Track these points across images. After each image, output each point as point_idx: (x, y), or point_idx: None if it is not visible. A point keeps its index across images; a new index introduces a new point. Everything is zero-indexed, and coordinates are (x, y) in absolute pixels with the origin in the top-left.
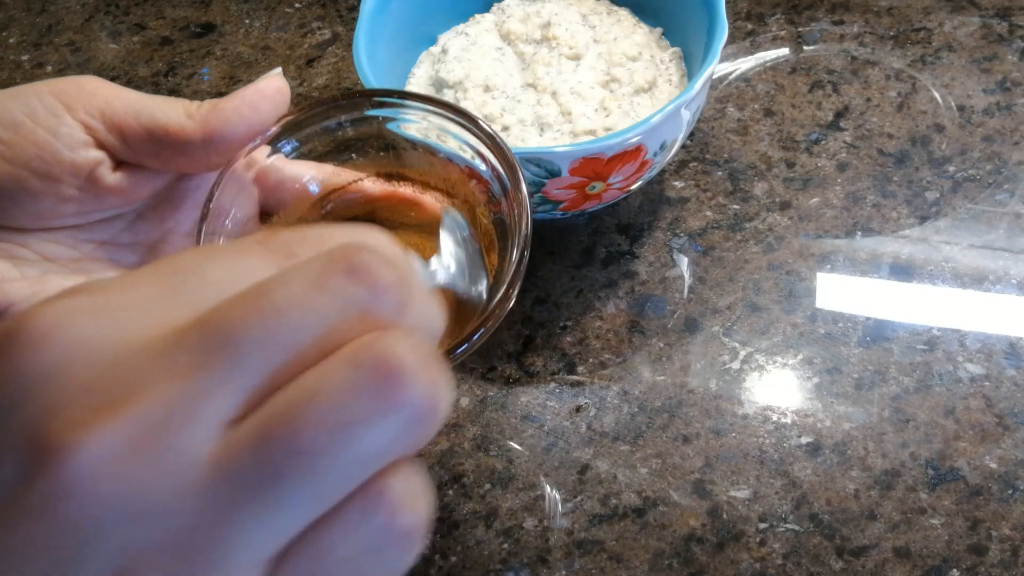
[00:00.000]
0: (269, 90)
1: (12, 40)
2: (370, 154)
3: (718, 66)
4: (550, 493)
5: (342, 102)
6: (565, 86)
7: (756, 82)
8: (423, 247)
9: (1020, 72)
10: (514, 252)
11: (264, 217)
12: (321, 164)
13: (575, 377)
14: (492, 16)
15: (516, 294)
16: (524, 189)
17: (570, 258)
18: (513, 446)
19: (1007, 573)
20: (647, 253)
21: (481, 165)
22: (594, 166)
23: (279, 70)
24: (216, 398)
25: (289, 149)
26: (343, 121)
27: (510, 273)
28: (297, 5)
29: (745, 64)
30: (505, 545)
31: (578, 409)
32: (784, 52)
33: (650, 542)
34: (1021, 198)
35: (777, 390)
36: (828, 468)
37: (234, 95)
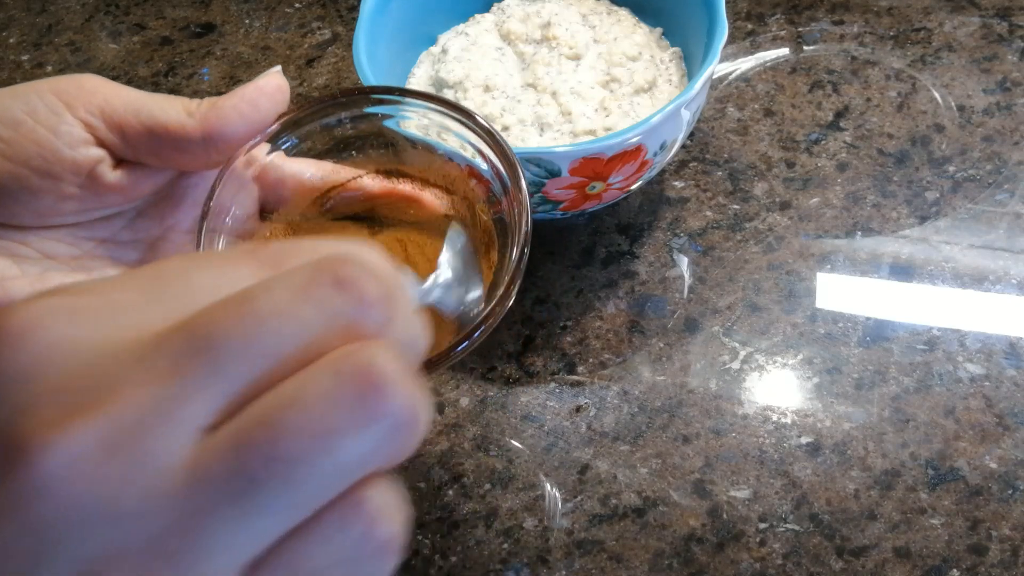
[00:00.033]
0: (269, 88)
1: (12, 40)
2: (370, 151)
3: (718, 66)
4: (550, 493)
5: (341, 99)
6: (565, 86)
7: (756, 82)
8: (423, 244)
9: (1020, 72)
10: (514, 250)
11: (264, 215)
12: (321, 161)
13: (575, 377)
14: (492, 16)
15: (516, 292)
16: (524, 187)
17: (570, 258)
18: (513, 446)
19: (1007, 573)
20: (647, 253)
21: (482, 164)
22: (594, 166)
23: (279, 68)
24: (194, 403)
25: (289, 147)
26: (343, 118)
27: (510, 271)
28: (297, 5)
29: (745, 64)
30: (505, 545)
31: (578, 409)
32: (784, 52)
33: (650, 542)
34: (1021, 198)
35: (777, 390)
36: (828, 468)
37: (233, 93)
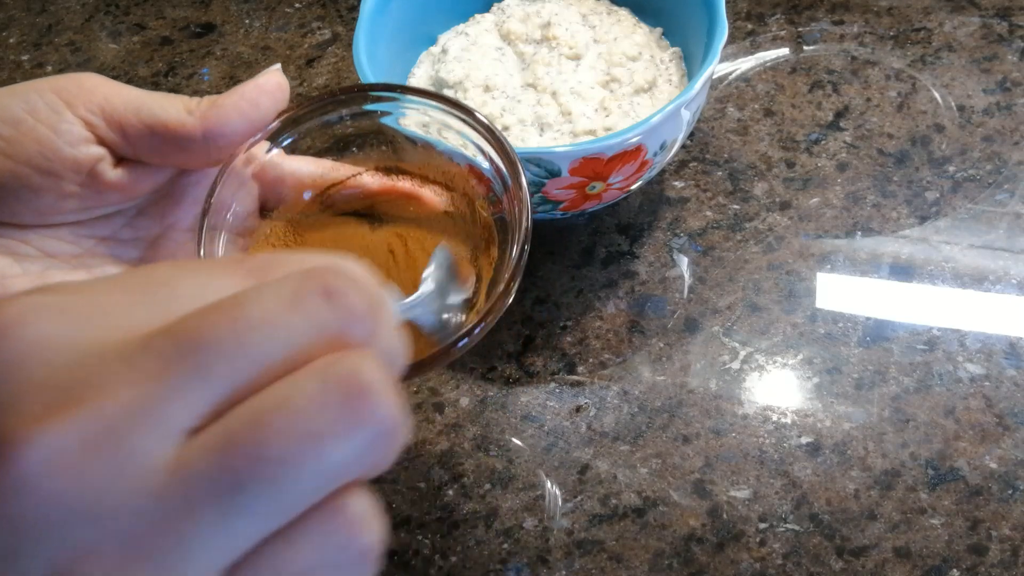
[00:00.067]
0: (269, 86)
1: (12, 40)
2: (369, 149)
3: (718, 66)
4: (550, 493)
5: (341, 97)
6: (565, 86)
7: (756, 82)
8: (423, 239)
9: (1020, 72)
10: (515, 247)
11: (264, 212)
12: (320, 159)
13: (575, 377)
14: (492, 16)
15: (516, 289)
16: (524, 184)
17: (570, 258)
18: (513, 446)
19: (1007, 573)
20: (647, 253)
21: (482, 162)
22: (594, 166)
23: (278, 66)
24: (178, 404)
25: (288, 144)
26: (342, 116)
27: (511, 268)
28: (297, 5)
29: (745, 64)
30: (505, 545)
31: (578, 409)
32: (784, 52)
33: (650, 542)
34: (1021, 198)
35: (777, 390)
36: (828, 468)
37: (233, 91)
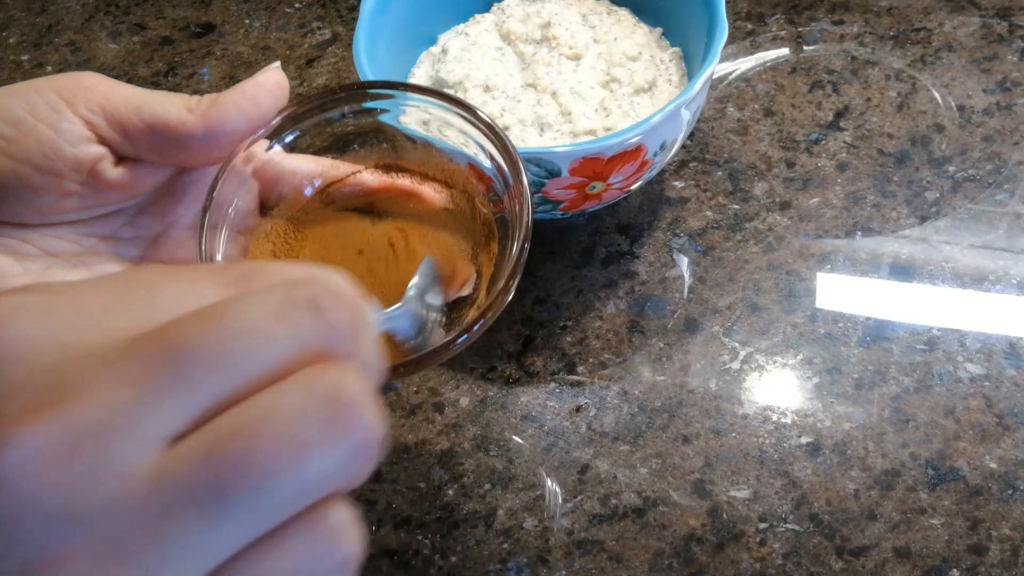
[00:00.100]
0: (269, 83)
1: (12, 40)
2: (369, 146)
3: (718, 66)
4: (550, 493)
5: (341, 94)
6: (565, 86)
7: (756, 82)
8: (424, 233)
9: (1020, 72)
10: (515, 244)
11: (264, 210)
12: (319, 157)
13: (575, 377)
14: (492, 16)
15: (515, 287)
16: (525, 180)
17: (570, 258)
18: (513, 446)
19: (1007, 573)
20: (647, 253)
21: (484, 160)
22: (594, 166)
23: (278, 64)
24: (161, 411)
25: (288, 142)
26: (343, 113)
27: (510, 265)
28: (297, 5)
29: (745, 64)
30: (505, 545)
31: (578, 409)
32: (784, 52)
33: (650, 542)
34: (1021, 198)
35: (777, 390)
36: (828, 468)
37: (234, 89)
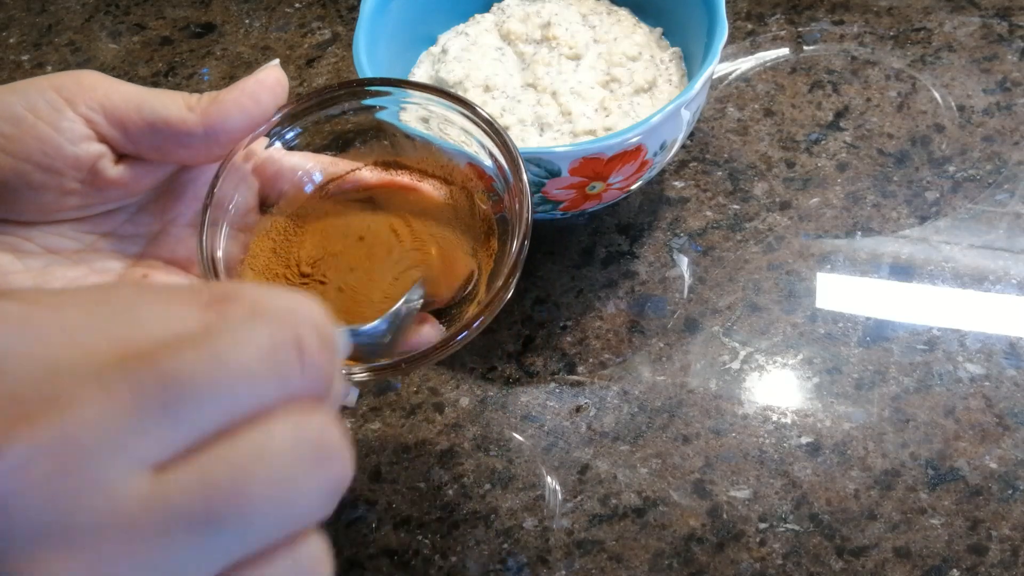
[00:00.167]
0: (269, 81)
1: (12, 40)
2: (369, 144)
3: (718, 66)
4: (550, 493)
5: (340, 91)
6: (565, 86)
7: (756, 82)
8: (425, 225)
9: (1020, 72)
10: (515, 242)
11: (264, 208)
12: (319, 155)
13: (575, 377)
14: (492, 16)
15: (514, 285)
16: (524, 177)
17: (570, 258)
18: (513, 446)
19: (1007, 573)
20: (647, 253)
21: (484, 158)
22: (594, 166)
23: (277, 61)
24: (149, 438)
25: (288, 139)
26: (342, 110)
27: (510, 263)
28: (297, 5)
29: (745, 64)
30: (505, 545)
31: (578, 409)
32: (784, 52)
33: (650, 542)
34: (1021, 198)
35: (777, 390)
36: (828, 468)
37: (234, 87)
